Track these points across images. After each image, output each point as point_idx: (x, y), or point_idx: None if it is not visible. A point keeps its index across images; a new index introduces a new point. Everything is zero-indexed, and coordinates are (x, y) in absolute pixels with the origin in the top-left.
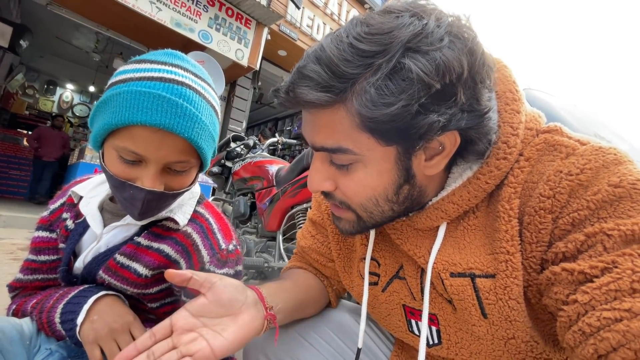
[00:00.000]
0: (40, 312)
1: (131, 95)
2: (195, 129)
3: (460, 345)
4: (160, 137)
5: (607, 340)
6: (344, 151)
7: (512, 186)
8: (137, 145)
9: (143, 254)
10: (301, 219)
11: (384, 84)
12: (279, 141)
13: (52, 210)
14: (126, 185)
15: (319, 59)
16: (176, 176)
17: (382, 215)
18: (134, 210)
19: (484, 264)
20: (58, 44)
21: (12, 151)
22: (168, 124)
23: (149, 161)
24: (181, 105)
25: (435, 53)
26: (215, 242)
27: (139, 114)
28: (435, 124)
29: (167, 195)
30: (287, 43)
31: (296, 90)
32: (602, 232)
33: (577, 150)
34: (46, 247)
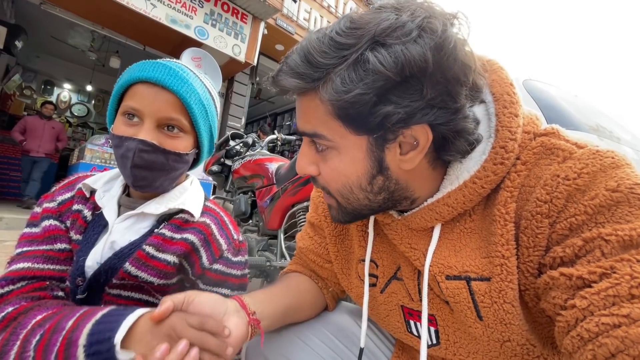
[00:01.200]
0: (53, 332)
1: (135, 66)
2: (184, 87)
3: (458, 344)
4: (155, 92)
5: (606, 346)
6: (319, 136)
7: (509, 190)
8: (135, 101)
9: (169, 244)
10: (302, 218)
11: (347, 74)
12: (278, 138)
13: (60, 201)
14: (123, 139)
15: (302, 50)
16: (169, 137)
17: (359, 203)
18: (127, 163)
19: (479, 267)
20: (54, 43)
21: (12, 153)
22: (161, 78)
23: (145, 117)
24: (173, 69)
25: (398, 47)
26: (229, 232)
27: (140, 73)
28: (393, 116)
29: (157, 148)
30: (285, 37)
31: (277, 77)
32: (600, 238)
33: (575, 154)
34: (61, 234)
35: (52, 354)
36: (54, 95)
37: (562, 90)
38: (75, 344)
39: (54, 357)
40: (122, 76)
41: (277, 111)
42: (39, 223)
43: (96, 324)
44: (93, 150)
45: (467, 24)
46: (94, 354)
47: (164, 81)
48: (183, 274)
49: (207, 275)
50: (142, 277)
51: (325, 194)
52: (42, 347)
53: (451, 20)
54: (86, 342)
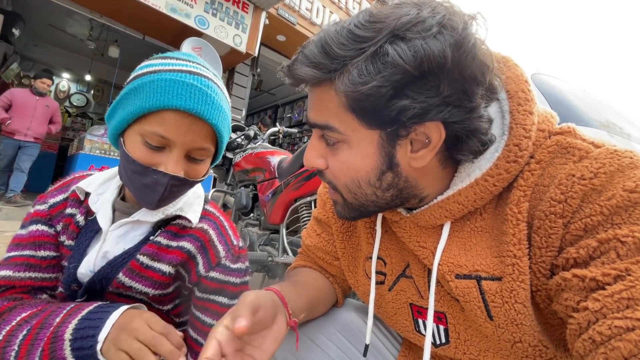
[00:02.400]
0: (40, 328)
1: (165, 83)
2: (220, 118)
3: (469, 342)
4: (190, 122)
5: (619, 350)
6: (331, 129)
7: (522, 189)
8: (166, 129)
9: (164, 253)
10: (305, 212)
11: (364, 66)
12: (280, 131)
13: (51, 204)
14: (149, 171)
15: (319, 40)
16: (194, 164)
17: (366, 199)
18: (154, 196)
19: (490, 266)
20: (52, 31)
21: None
22: (199, 109)
23: (174, 146)
24: (209, 95)
25: (418, 41)
26: (229, 238)
27: (174, 99)
28: (408, 110)
29: (187, 182)
30: (286, 28)
31: (292, 66)
32: (616, 239)
33: (591, 153)
34: (47, 241)
35: (38, 349)
36: (53, 85)
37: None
38: (62, 338)
39: (39, 352)
40: (145, 90)
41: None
42: (27, 226)
43: (82, 320)
44: (92, 141)
45: (486, 25)
46: (78, 349)
47: (202, 113)
48: (180, 281)
49: (203, 283)
50: (137, 287)
51: (331, 189)
52: (29, 342)
53: (470, 20)
54: (72, 337)
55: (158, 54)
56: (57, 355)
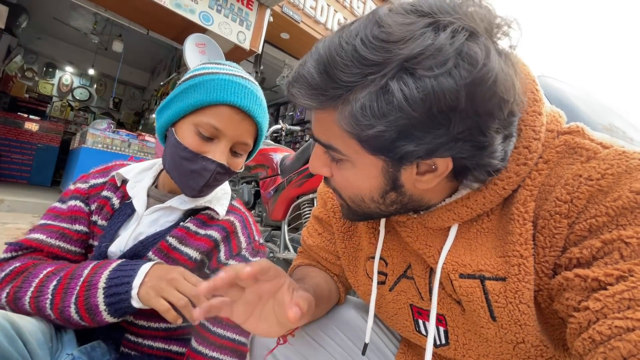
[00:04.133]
0: (71, 278)
1: (224, 82)
2: (264, 117)
3: (468, 346)
4: (240, 118)
5: (618, 350)
6: (334, 149)
7: (529, 189)
8: (220, 122)
9: (192, 239)
10: (307, 209)
11: (368, 104)
12: (282, 128)
13: (92, 184)
14: (199, 158)
15: (320, 59)
16: (235, 158)
17: (370, 210)
18: (200, 181)
19: (494, 266)
20: (56, 25)
21: (14, 135)
22: (250, 107)
23: (224, 137)
24: (258, 97)
25: (428, 80)
26: (252, 233)
27: (231, 96)
28: (413, 152)
29: (230, 171)
30: (290, 25)
31: (291, 90)
32: (620, 240)
33: (599, 154)
34: (83, 217)
35: (72, 296)
36: (56, 78)
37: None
38: (95, 286)
39: (74, 299)
40: (202, 87)
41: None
42: (67, 200)
43: (114, 271)
44: (95, 135)
45: (519, 30)
46: (112, 295)
47: (252, 111)
48: (200, 270)
49: (222, 270)
50: None
51: (336, 195)
52: (61, 290)
53: (498, 33)
54: (105, 285)
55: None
56: (90, 302)
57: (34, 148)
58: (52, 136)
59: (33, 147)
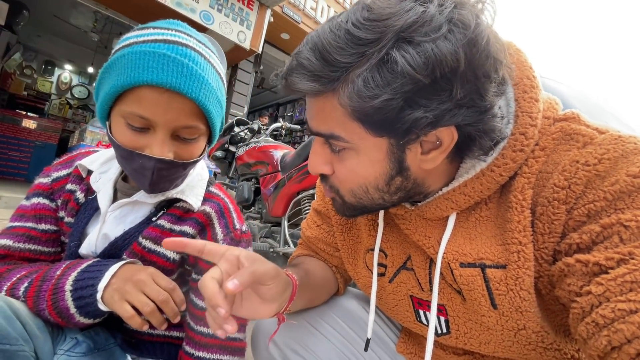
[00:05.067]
0: (42, 280)
1: (135, 56)
2: (203, 91)
3: (469, 335)
4: (168, 98)
5: (622, 332)
6: (336, 138)
7: (526, 176)
8: (144, 109)
9: (168, 237)
10: (307, 205)
11: (371, 76)
12: (282, 126)
13: (54, 178)
14: (134, 155)
15: (315, 46)
16: (185, 144)
17: (372, 202)
18: (144, 181)
19: (494, 254)
20: (56, 22)
21: (12, 132)
22: (175, 83)
23: (157, 126)
24: (187, 65)
25: (428, 45)
26: (231, 221)
27: (145, 73)
28: (421, 120)
29: (177, 164)
30: (290, 26)
31: (289, 78)
32: (619, 223)
33: (595, 139)
34: (48, 215)
35: (44, 300)
36: (55, 76)
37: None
38: (62, 289)
39: (45, 303)
40: (117, 66)
41: (280, 101)
42: (30, 198)
43: (81, 272)
44: (94, 133)
45: (494, 7)
46: (79, 298)
47: (179, 86)
48: (183, 267)
49: (199, 265)
50: None
51: (330, 190)
52: (33, 293)
53: (482, 5)
54: (72, 288)
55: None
56: (60, 306)
57: (31, 145)
58: (50, 134)
59: (31, 145)
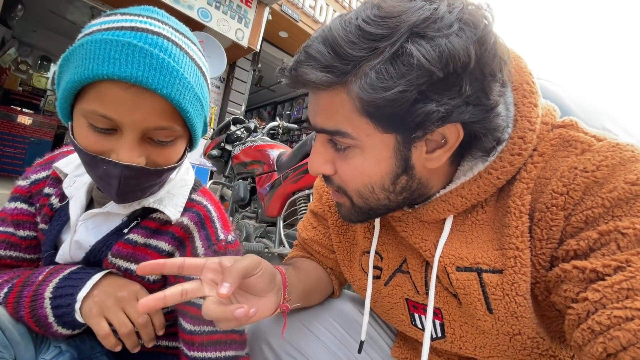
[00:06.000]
0: (23, 286)
1: (95, 45)
2: (176, 86)
3: (464, 339)
4: (134, 95)
5: (617, 339)
6: (342, 134)
7: (525, 182)
8: (106, 107)
9: (142, 254)
10: (303, 205)
11: (384, 68)
12: (279, 125)
13: (33, 180)
14: (98, 160)
15: (325, 39)
16: (159, 148)
17: (378, 203)
18: (111, 190)
19: (491, 259)
20: (52, 18)
21: (6, 128)
22: (141, 77)
23: (124, 128)
24: (157, 56)
25: (441, 39)
26: (213, 232)
27: (105, 66)
28: (433, 114)
29: (148, 171)
30: (289, 24)
31: (299, 69)
32: (617, 231)
33: (594, 146)
34: (27, 220)
35: (22, 306)
36: (50, 72)
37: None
38: (42, 296)
39: (24, 310)
40: (75, 58)
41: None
42: (10, 201)
43: (63, 279)
44: None
45: (492, 15)
46: (57, 307)
47: (146, 81)
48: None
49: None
50: None
51: (338, 192)
52: (13, 299)
53: (484, 12)
54: (52, 295)
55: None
56: (38, 314)
57: (26, 142)
58: (46, 130)
59: (26, 141)
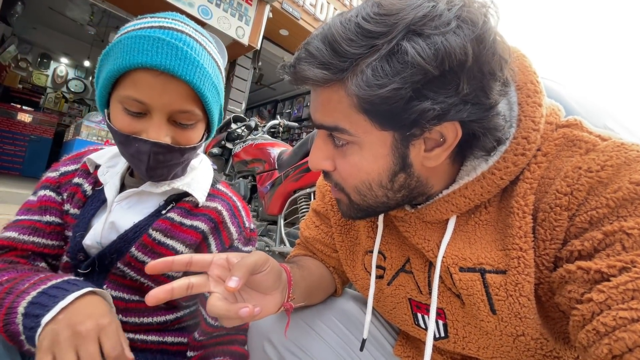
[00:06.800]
0: (7, 293)
1: (130, 41)
2: (197, 74)
3: (467, 339)
4: (162, 81)
5: (623, 341)
6: (340, 131)
7: (528, 182)
8: (139, 92)
9: (178, 231)
10: (304, 204)
11: (380, 66)
12: (280, 124)
13: (62, 172)
14: (131, 139)
15: (325, 37)
16: (183, 130)
17: (376, 201)
18: (141, 166)
19: (494, 259)
20: (51, 15)
21: (6, 126)
22: (169, 65)
23: (153, 110)
24: (181, 49)
25: (437, 37)
26: (241, 220)
27: (138, 56)
28: (428, 112)
29: (173, 149)
30: (289, 22)
31: (298, 66)
32: (622, 231)
33: (598, 146)
34: (53, 207)
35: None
36: (50, 69)
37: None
38: (16, 311)
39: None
40: (114, 52)
41: (278, 98)
42: (37, 191)
43: (40, 294)
44: (90, 127)
45: (497, 13)
46: (25, 327)
47: (173, 69)
48: None
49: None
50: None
51: (336, 189)
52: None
53: (486, 9)
54: (24, 311)
55: None
56: (11, 329)
57: (26, 139)
58: (46, 128)
59: (25, 139)
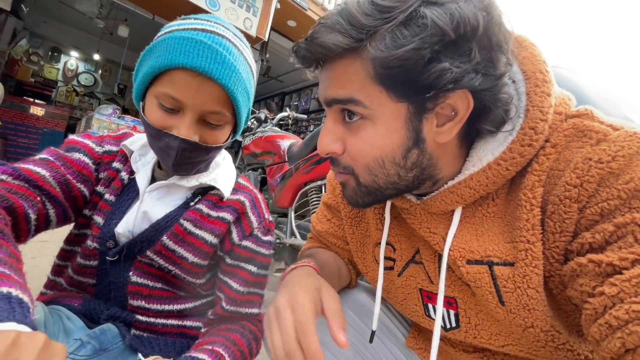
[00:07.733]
0: None
1: (174, 41)
2: (232, 78)
3: (480, 327)
4: (199, 82)
5: (636, 334)
6: (355, 102)
7: (536, 174)
8: (175, 90)
9: (206, 222)
10: (314, 196)
11: (399, 30)
12: (289, 116)
13: (107, 150)
14: (162, 134)
15: (341, 12)
16: (211, 130)
17: (387, 181)
18: (169, 160)
19: (502, 251)
20: (61, 8)
21: (20, 119)
22: (207, 68)
23: (186, 108)
24: (220, 53)
25: (451, 5)
26: (261, 211)
27: (180, 57)
28: (446, 73)
29: (200, 147)
30: (298, 13)
31: (316, 37)
32: (634, 223)
33: (609, 136)
34: (89, 180)
35: None
36: (61, 63)
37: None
38: None
39: None
40: (157, 50)
41: (285, 90)
42: (73, 151)
43: None
44: (100, 120)
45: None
46: None
47: (210, 72)
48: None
49: (235, 250)
50: (179, 252)
51: (344, 172)
52: None
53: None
54: None
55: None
56: None
57: (39, 132)
58: (58, 121)
59: (39, 132)
